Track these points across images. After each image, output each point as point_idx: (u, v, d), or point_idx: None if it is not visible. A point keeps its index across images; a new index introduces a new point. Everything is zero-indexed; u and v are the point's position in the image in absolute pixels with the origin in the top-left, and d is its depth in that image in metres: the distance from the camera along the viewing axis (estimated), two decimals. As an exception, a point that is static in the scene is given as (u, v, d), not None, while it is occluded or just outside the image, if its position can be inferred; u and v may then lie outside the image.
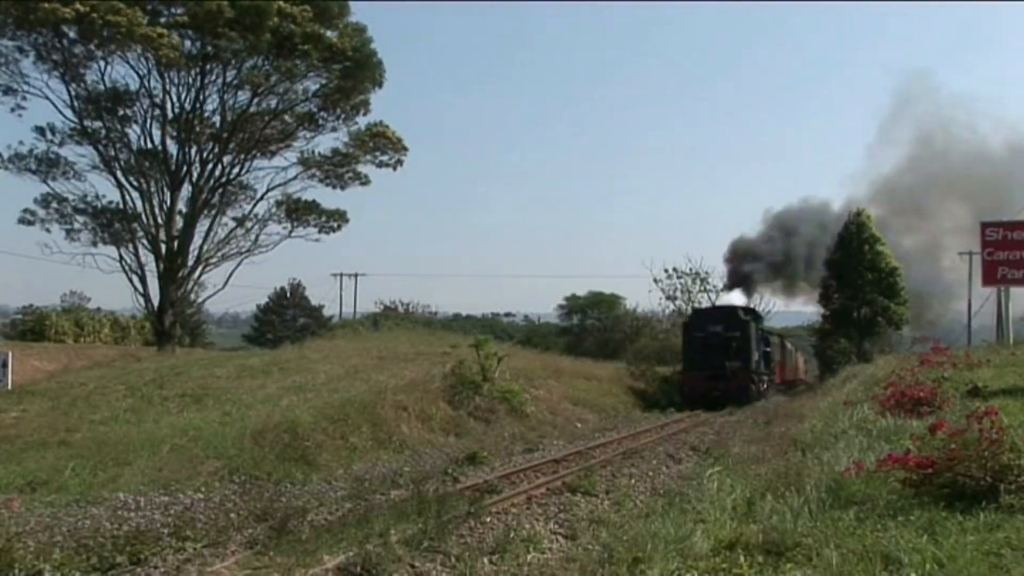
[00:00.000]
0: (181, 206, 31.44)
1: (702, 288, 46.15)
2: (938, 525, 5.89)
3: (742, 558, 5.74)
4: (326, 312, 60.25)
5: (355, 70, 30.55)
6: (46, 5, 25.98)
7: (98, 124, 30.63)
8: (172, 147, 31.37)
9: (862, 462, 7.99)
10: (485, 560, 6.60)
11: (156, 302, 30.92)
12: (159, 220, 30.90)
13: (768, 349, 35.79)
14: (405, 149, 32.68)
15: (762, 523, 6.51)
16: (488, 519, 8.54)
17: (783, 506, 6.88)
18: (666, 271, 45.17)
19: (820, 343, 45.88)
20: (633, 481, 11.50)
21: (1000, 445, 6.70)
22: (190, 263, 31.58)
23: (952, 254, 47.69)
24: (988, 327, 37.05)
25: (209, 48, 29.55)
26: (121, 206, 30.93)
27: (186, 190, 31.37)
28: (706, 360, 30.38)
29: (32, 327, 37.72)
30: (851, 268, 40.56)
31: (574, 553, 6.82)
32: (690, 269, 43.10)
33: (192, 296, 35.28)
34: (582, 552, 6.70)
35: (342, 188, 33.71)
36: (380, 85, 31.87)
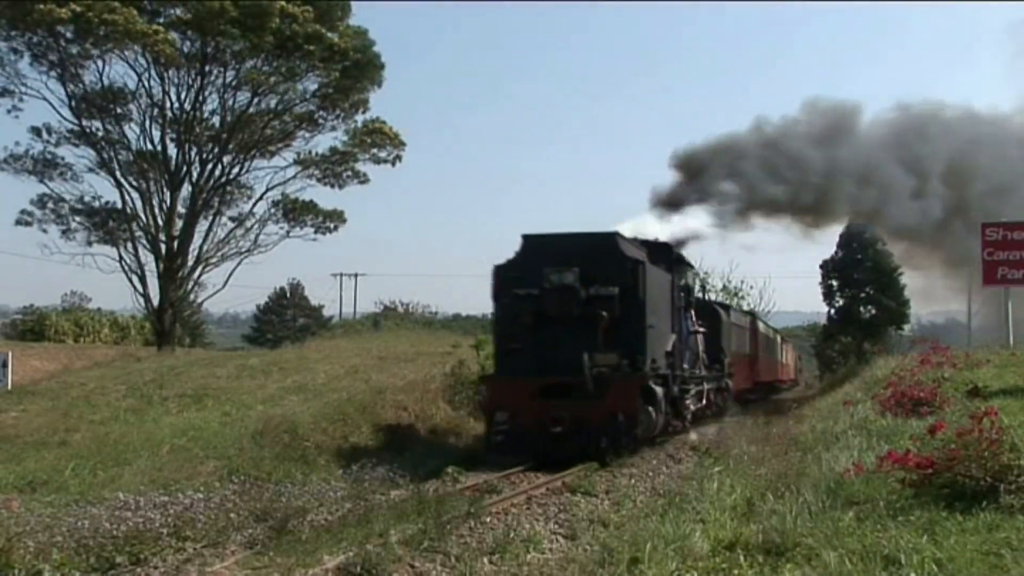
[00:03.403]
0: (180, 206, 31.46)
1: (701, 289, 45.00)
2: (938, 525, 5.89)
3: (742, 558, 5.75)
4: (326, 312, 60.29)
5: (355, 71, 30.59)
6: (41, 7, 25.97)
7: (96, 124, 30.65)
8: (172, 147, 31.39)
9: (862, 462, 8.00)
10: (485, 560, 6.60)
11: (156, 302, 30.92)
12: (159, 220, 30.91)
13: (702, 330, 18.72)
14: (403, 144, 32.63)
15: (762, 523, 6.51)
16: (488, 519, 8.53)
17: (783, 506, 6.88)
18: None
19: (820, 343, 46.01)
20: (633, 481, 11.50)
21: (1000, 445, 6.71)
22: (190, 263, 31.58)
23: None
24: (987, 327, 37.03)
25: (209, 48, 29.55)
26: (120, 206, 30.95)
27: (186, 190, 31.39)
28: (539, 352, 13.34)
29: (32, 327, 37.72)
30: (853, 268, 40.70)
31: (574, 553, 6.82)
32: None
33: (192, 296, 35.28)
34: (582, 552, 6.70)
35: (340, 187, 33.71)
36: (379, 85, 31.91)
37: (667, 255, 16.26)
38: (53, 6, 26.01)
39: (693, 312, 18.27)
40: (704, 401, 18.35)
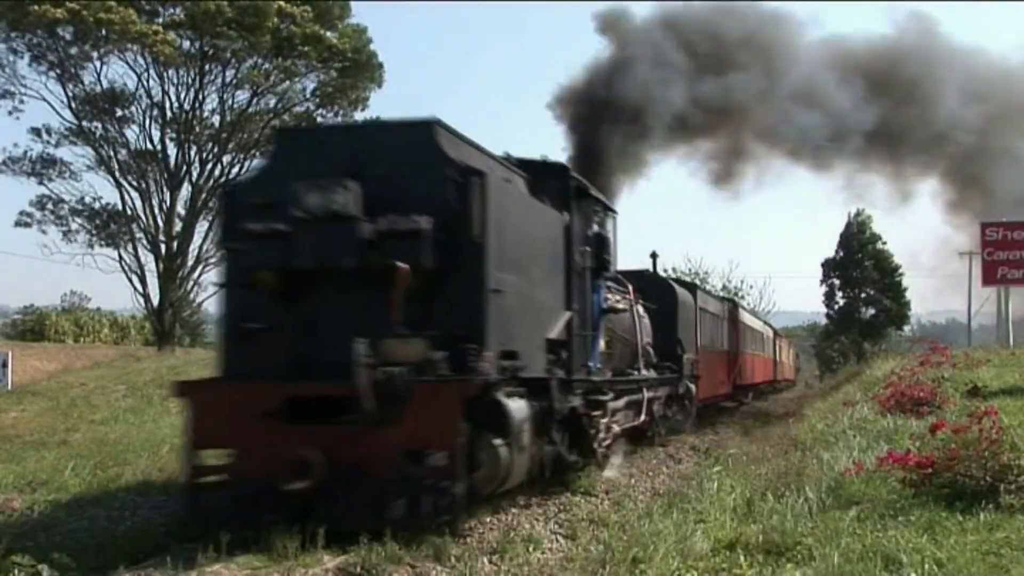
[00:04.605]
0: (180, 207, 31.51)
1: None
2: (938, 525, 5.91)
3: (742, 558, 5.75)
4: (326, 312, 60.28)
5: (355, 70, 30.66)
6: (36, 8, 26.06)
7: (96, 125, 30.73)
8: (171, 147, 31.44)
9: (862, 462, 8.01)
10: (485, 560, 6.60)
11: (156, 302, 30.95)
12: (158, 220, 30.96)
13: (625, 309, 12.24)
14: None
15: (762, 523, 6.52)
16: (488, 519, 8.53)
17: (783, 506, 6.89)
18: (664, 271, 45.03)
19: (821, 343, 46.06)
20: (633, 481, 11.49)
21: (1000, 445, 6.73)
22: (190, 263, 31.64)
23: None
24: (987, 327, 37.15)
25: (208, 48, 29.61)
26: (120, 206, 31.01)
27: (185, 190, 31.45)
28: (290, 338, 7.20)
29: (32, 327, 37.77)
30: (854, 268, 40.78)
31: (574, 553, 6.82)
32: (689, 269, 42.90)
33: (192, 296, 35.33)
34: (582, 552, 6.70)
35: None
36: (380, 85, 31.99)
37: (559, 182, 9.51)
38: (48, 6, 26.08)
39: (630, 287, 12.85)
40: (644, 416, 12.50)
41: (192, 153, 31.38)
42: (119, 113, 30.42)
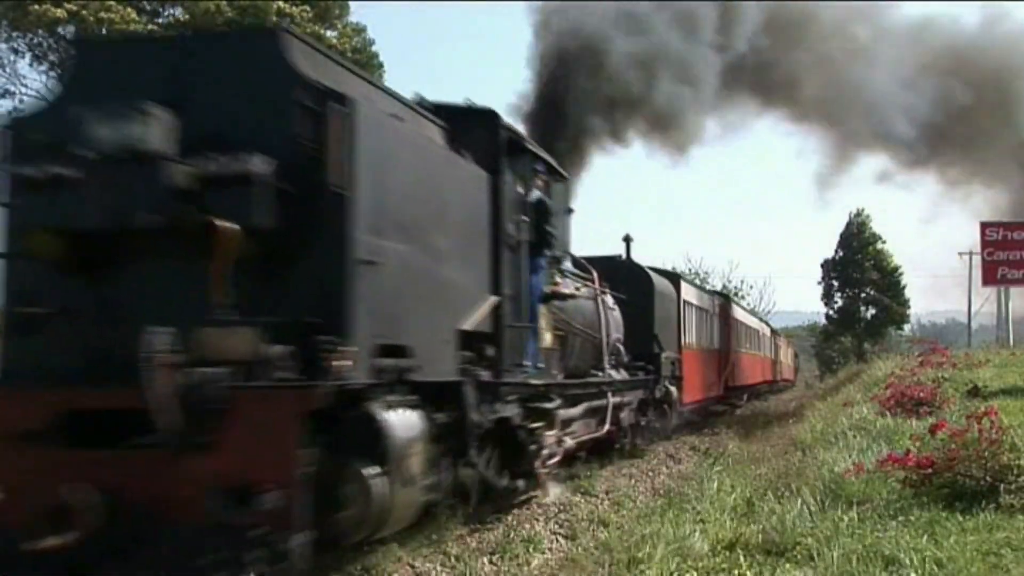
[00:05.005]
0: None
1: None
2: (938, 525, 5.91)
3: (742, 558, 5.75)
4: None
5: (354, 70, 30.75)
6: (37, 7, 26.12)
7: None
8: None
9: (862, 462, 8.01)
10: (485, 560, 6.60)
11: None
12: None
13: (574, 295, 9.71)
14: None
15: (762, 523, 6.52)
16: (488, 519, 8.54)
17: (783, 506, 6.89)
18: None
19: (821, 343, 46.11)
20: (633, 481, 11.50)
21: (1000, 445, 6.74)
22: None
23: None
24: (987, 327, 37.22)
25: (208, 48, 29.70)
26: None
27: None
28: (84, 327, 5.07)
29: (32, 327, 37.82)
30: (853, 268, 40.85)
31: (574, 553, 6.82)
32: (689, 269, 42.88)
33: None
34: (582, 552, 6.71)
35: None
36: (380, 86, 32.06)
37: (485, 132, 7.47)
38: (49, 6, 26.13)
39: (595, 274, 11.03)
40: (608, 425, 10.72)
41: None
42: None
